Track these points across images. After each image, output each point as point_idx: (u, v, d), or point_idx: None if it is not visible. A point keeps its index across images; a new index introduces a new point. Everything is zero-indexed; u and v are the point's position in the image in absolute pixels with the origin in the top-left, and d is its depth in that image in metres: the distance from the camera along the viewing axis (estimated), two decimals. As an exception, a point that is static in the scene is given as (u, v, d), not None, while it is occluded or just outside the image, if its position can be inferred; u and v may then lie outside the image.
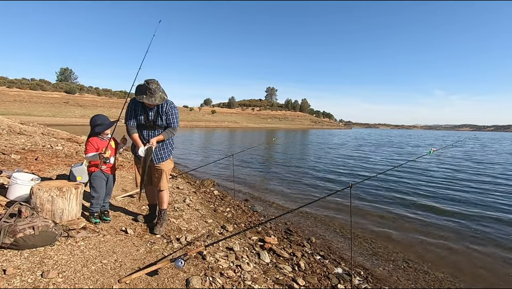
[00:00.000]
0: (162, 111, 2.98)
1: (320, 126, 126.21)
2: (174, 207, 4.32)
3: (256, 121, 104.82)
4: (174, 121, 3.06)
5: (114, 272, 2.29)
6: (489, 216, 5.75)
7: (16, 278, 1.99)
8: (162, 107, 2.97)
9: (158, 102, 2.84)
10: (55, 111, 55.17)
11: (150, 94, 2.79)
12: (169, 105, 3.00)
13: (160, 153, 3.09)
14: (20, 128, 10.60)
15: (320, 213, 5.63)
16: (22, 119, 22.65)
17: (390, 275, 3.45)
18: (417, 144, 31.38)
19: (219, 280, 2.49)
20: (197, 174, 8.90)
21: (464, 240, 4.60)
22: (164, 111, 2.99)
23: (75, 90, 72.24)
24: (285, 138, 32.86)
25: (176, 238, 3.18)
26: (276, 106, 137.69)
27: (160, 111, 2.97)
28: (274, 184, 8.38)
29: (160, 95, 2.85)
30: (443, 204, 6.50)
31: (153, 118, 2.98)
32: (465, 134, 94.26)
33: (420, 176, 9.99)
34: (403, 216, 5.64)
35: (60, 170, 5.26)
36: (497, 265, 3.86)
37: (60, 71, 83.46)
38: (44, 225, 2.41)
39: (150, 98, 2.80)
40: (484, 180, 9.68)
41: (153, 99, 2.81)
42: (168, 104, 3.00)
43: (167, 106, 2.99)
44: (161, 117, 2.99)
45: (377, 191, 7.55)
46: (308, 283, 2.89)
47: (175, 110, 3.06)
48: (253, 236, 3.85)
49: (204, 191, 6.26)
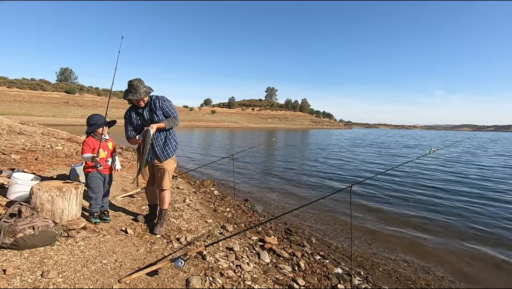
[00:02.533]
0: (156, 107, 3.00)
1: (320, 126, 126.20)
2: (174, 207, 4.31)
3: (256, 121, 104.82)
4: (172, 112, 3.06)
5: (114, 272, 2.29)
6: (489, 216, 5.75)
7: (16, 278, 1.98)
8: (155, 104, 3.00)
9: (144, 96, 2.88)
10: (55, 111, 55.19)
11: (134, 90, 2.85)
12: (161, 100, 3.03)
13: (165, 150, 3.09)
14: (20, 128, 10.59)
15: (320, 212, 5.63)
16: (22, 119, 22.65)
17: (390, 275, 3.45)
18: (416, 144, 31.37)
19: (219, 280, 2.49)
20: (197, 174, 8.90)
21: (464, 240, 4.60)
22: (158, 107, 3.01)
23: (75, 90, 72.29)
24: (285, 138, 32.86)
25: (176, 238, 3.18)
26: (276, 106, 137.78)
27: (154, 108, 3.00)
28: (274, 184, 8.38)
29: (144, 90, 2.89)
30: (443, 204, 6.50)
31: (149, 117, 3.01)
32: (465, 134, 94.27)
33: (420, 175, 9.99)
34: (403, 216, 5.64)
35: (60, 170, 5.26)
36: (497, 265, 3.86)
37: (60, 71, 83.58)
38: (43, 225, 2.41)
39: (135, 94, 2.85)
40: (483, 180, 9.68)
41: (138, 94, 2.86)
42: (159, 99, 3.02)
43: (159, 101, 3.02)
44: (156, 112, 3.00)
45: (378, 190, 7.55)
46: (308, 283, 2.89)
47: (168, 102, 3.08)
48: (253, 236, 3.85)
49: (204, 191, 6.26)
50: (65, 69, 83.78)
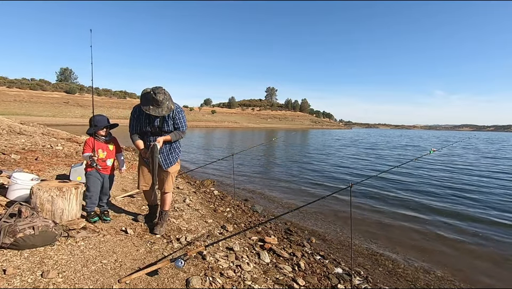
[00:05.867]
0: (169, 116, 2.90)
1: (320, 126, 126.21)
2: (174, 207, 4.31)
3: (256, 121, 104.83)
4: (182, 125, 2.99)
5: (114, 272, 2.28)
6: (490, 216, 5.75)
7: (16, 278, 1.98)
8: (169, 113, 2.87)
9: (165, 113, 2.74)
10: (55, 111, 55.19)
11: (156, 105, 2.69)
12: (175, 110, 2.91)
13: (168, 158, 3.05)
14: (20, 128, 10.59)
15: (320, 212, 5.63)
16: (22, 119, 22.65)
17: (390, 275, 3.45)
18: (415, 144, 31.36)
19: (219, 280, 2.48)
20: (197, 174, 8.90)
21: (464, 240, 4.60)
22: (171, 117, 2.91)
23: (75, 90, 72.28)
24: (285, 138, 32.86)
25: (176, 238, 3.18)
26: (276, 106, 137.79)
27: (166, 117, 2.89)
28: (274, 184, 8.38)
29: (167, 105, 2.73)
30: (443, 204, 6.50)
31: (159, 124, 2.91)
32: (465, 134, 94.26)
33: (420, 175, 9.99)
34: (403, 216, 5.64)
35: (60, 170, 5.26)
36: (497, 265, 3.86)
37: (60, 71, 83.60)
38: (44, 225, 2.41)
39: (156, 110, 2.69)
40: (483, 180, 9.68)
41: (160, 110, 2.70)
42: (175, 109, 2.90)
43: (174, 111, 2.90)
44: (168, 122, 2.91)
45: (378, 190, 7.55)
46: (308, 283, 2.89)
47: (181, 113, 2.98)
48: (253, 236, 3.85)
49: (204, 191, 6.26)
50: (65, 69, 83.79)
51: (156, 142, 2.78)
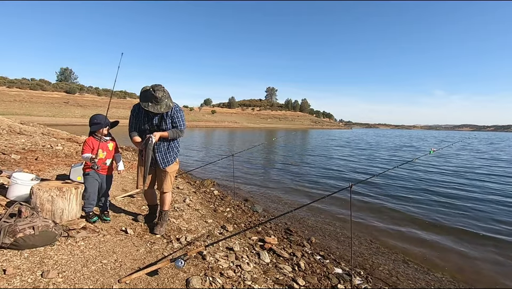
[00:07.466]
0: (167, 115, 2.92)
1: (320, 126, 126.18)
2: (174, 207, 4.31)
3: (256, 121, 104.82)
4: (181, 124, 3.00)
5: (114, 272, 2.28)
6: (490, 216, 5.75)
7: (16, 278, 1.98)
8: (167, 112, 2.90)
9: (164, 111, 2.78)
10: (55, 111, 55.17)
11: (155, 102, 2.72)
12: (174, 109, 2.92)
13: (166, 157, 3.04)
14: (20, 128, 10.59)
15: (321, 212, 5.63)
16: (22, 119, 22.64)
17: (390, 275, 3.44)
18: (414, 144, 31.36)
19: (219, 280, 2.49)
20: (197, 174, 8.89)
21: (464, 240, 4.60)
22: (169, 115, 2.92)
23: (75, 90, 72.21)
24: (285, 138, 32.85)
25: (176, 238, 3.18)
26: (276, 106, 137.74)
27: (165, 115, 2.91)
28: (274, 184, 8.37)
29: (166, 103, 2.78)
30: (443, 204, 6.50)
31: (157, 122, 2.93)
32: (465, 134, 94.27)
33: (420, 175, 9.99)
34: (403, 216, 5.64)
35: (60, 170, 5.26)
36: (498, 266, 3.85)
37: (60, 71, 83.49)
38: (44, 225, 2.41)
39: (155, 107, 2.74)
40: (484, 180, 9.68)
41: (159, 107, 2.75)
42: (173, 108, 2.92)
43: (172, 110, 2.92)
44: (166, 121, 2.93)
45: (377, 191, 7.54)
46: (308, 283, 2.89)
47: (180, 112, 2.99)
48: (253, 236, 3.85)
49: (204, 191, 6.26)
50: (65, 69, 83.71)
51: (152, 135, 2.79)
